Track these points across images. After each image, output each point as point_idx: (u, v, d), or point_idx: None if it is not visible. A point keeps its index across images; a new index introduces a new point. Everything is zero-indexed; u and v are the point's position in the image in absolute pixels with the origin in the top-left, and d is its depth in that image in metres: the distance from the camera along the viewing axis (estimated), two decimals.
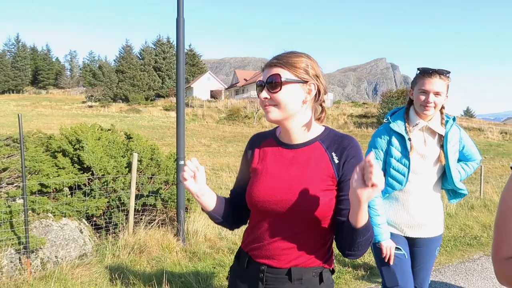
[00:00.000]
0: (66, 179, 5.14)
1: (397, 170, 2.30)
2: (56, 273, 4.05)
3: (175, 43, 5.93)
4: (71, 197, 5.27)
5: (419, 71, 2.30)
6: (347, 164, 1.34)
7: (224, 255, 4.99)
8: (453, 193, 2.52)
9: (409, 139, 2.28)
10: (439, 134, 2.34)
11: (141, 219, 5.66)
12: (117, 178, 5.65)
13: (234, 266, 1.56)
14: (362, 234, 1.23)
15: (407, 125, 2.32)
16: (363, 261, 4.98)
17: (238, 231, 5.49)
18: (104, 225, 5.46)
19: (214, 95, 67.97)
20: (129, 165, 5.70)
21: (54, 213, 4.84)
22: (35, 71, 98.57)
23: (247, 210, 1.51)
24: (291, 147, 1.42)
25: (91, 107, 54.68)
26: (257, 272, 1.41)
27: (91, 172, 5.49)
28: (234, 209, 1.53)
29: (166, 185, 6.27)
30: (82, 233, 4.92)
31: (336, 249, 1.40)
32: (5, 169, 5.02)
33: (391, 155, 2.31)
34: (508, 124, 58.88)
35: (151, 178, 6.17)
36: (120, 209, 5.54)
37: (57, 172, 5.21)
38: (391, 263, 2.33)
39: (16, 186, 4.91)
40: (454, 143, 2.36)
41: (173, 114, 42.81)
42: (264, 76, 1.38)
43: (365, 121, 46.63)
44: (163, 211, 6.08)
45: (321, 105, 1.44)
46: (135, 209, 5.53)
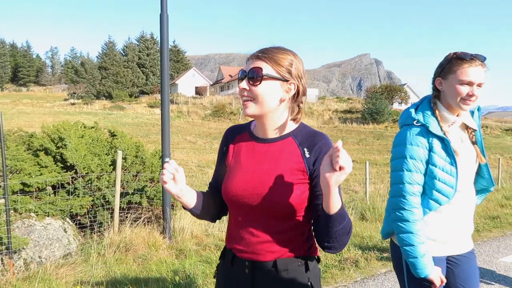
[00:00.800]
0: (49, 178, 5.05)
1: (443, 181, 1.86)
2: (40, 273, 3.99)
3: (159, 39, 5.88)
4: (54, 196, 5.19)
5: (456, 56, 1.86)
6: (320, 161, 1.35)
7: (211, 251, 4.99)
8: (481, 192, 2.21)
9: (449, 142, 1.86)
10: (469, 128, 1.98)
11: (127, 217, 5.60)
12: (101, 176, 5.58)
13: (220, 264, 1.57)
14: (337, 221, 1.24)
15: (441, 124, 1.89)
16: (349, 255, 5.04)
17: (224, 228, 5.49)
18: (88, 224, 5.39)
19: (199, 92, 67.61)
20: (114, 163, 5.64)
21: (37, 212, 4.76)
22: (15, 68, 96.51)
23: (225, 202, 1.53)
24: (264, 141, 1.44)
25: (73, 104, 53.79)
26: (243, 268, 1.43)
27: (74, 170, 5.41)
28: (213, 202, 1.53)
29: (151, 183, 6.22)
30: (66, 232, 4.85)
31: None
32: None
33: (434, 164, 1.86)
34: (488, 118, 60.13)
35: (136, 175, 6.11)
36: (105, 207, 5.48)
37: (40, 171, 5.12)
38: None
39: None
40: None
41: (158, 111, 42.45)
42: (247, 67, 1.38)
43: (350, 117, 47.05)
44: (148, 208, 6.04)
45: (298, 106, 1.45)
46: (120, 207, 5.48)
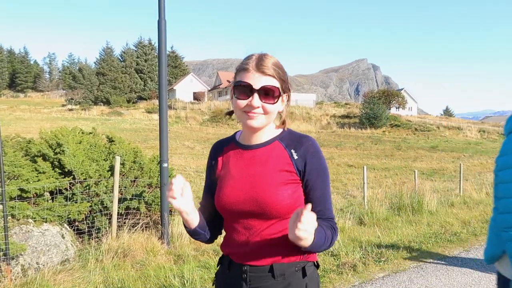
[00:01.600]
0: (46, 184, 5.05)
1: None
2: (37, 279, 3.97)
3: (157, 45, 5.90)
4: (52, 202, 5.18)
5: None
6: (309, 165, 1.39)
7: (209, 257, 4.98)
8: None
9: None
10: None
11: (125, 223, 5.60)
12: (99, 182, 5.58)
13: (218, 271, 1.57)
14: (312, 249, 1.30)
15: None
16: (347, 260, 5.04)
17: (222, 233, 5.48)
18: (86, 229, 5.38)
19: (197, 97, 67.63)
20: (112, 169, 5.64)
21: (34, 218, 4.75)
22: (12, 74, 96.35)
23: (220, 220, 1.54)
24: (251, 147, 1.45)
25: (71, 110, 53.73)
26: (240, 273, 1.43)
27: (72, 176, 5.41)
28: (210, 222, 1.53)
29: (149, 188, 6.22)
30: (64, 238, 4.84)
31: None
32: None
33: None
34: (486, 122, 60.38)
35: (134, 181, 6.11)
36: (103, 213, 5.47)
37: (37, 176, 5.11)
38: None
39: None
40: None
41: (156, 116, 42.43)
42: (251, 79, 1.34)
43: (347, 121, 47.12)
44: (147, 214, 6.03)
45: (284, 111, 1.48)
46: (118, 212, 5.47)
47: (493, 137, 41.37)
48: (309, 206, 1.15)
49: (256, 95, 1.34)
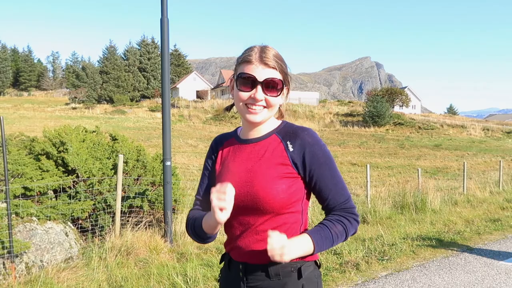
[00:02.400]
0: (50, 182, 5.07)
1: None
2: (41, 277, 3.99)
3: (159, 43, 5.90)
4: (56, 200, 5.20)
5: None
6: (308, 155, 1.36)
7: (212, 255, 4.99)
8: None
9: None
10: None
11: (128, 221, 5.61)
12: (102, 180, 5.60)
13: (222, 268, 1.57)
14: (318, 252, 1.34)
15: None
16: (349, 258, 5.04)
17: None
18: (90, 227, 5.40)
19: (200, 95, 67.70)
20: (115, 167, 5.65)
21: (38, 216, 4.77)
22: (16, 73, 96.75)
23: None
24: (249, 142, 1.44)
25: (74, 108, 53.93)
26: (238, 271, 1.43)
27: (76, 174, 5.43)
28: None
29: (152, 187, 6.23)
30: (67, 236, 4.86)
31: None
32: None
33: None
34: (490, 121, 60.08)
35: (138, 179, 6.13)
36: (106, 211, 5.49)
37: (41, 175, 5.14)
38: None
39: None
40: None
41: (159, 115, 42.50)
42: (255, 71, 1.33)
43: (351, 120, 47.06)
44: (150, 212, 6.04)
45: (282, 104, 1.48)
46: (121, 211, 5.49)
47: (497, 135, 41.19)
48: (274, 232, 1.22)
49: (259, 88, 1.33)
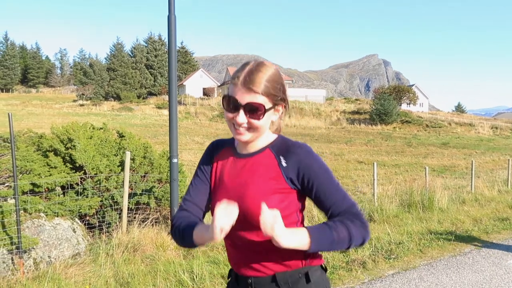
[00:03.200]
0: (58, 179, 5.10)
1: None
2: (49, 273, 4.03)
3: (166, 40, 5.91)
4: (64, 196, 5.24)
5: None
6: (303, 170, 1.35)
7: (218, 252, 5.00)
8: None
9: None
10: None
11: (135, 218, 5.64)
12: (110, 177, 5.62)
13: (229, 282, 1.58)
14: (319, 250, 1.31)
15: None
16: (356, 257, 5.02)
17: None
18: (97, 224, 5.43)
19: (206, 93, 67.73)
20: (122, 164, 5.68)
21: (46, 212, 4.81)
22: (24, 70, 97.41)
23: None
24: (244, 156, 1.44)
25: (82, 105, 54.21)
26: (246, 285, 1.43)
27: (83, 171, 5.46)
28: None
29: (159, 183, 6.25)
30: (75, 232, 4.90)
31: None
32: None
33: None
34: (498, 119, 59.52)
35: (144, 176, 6.15)
36: (113, 208, 5.52)
37: (49, 171, 5.17)
38: None
39: (7, 186, 4.87)
40: None
41: (166, 112, 42.61)
42: (238, 94, 1.32)
43: (357, 117, 46.83)
44: (156, 209, 6.07)
45: (280, 118, 1.45)
46: (128, 207, 5.51)
47: (506, 134, 40.77)
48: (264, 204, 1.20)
49: (241, 111, 1.33)
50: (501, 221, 7.37)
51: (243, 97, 1.32)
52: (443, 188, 9.59)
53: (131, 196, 5.69)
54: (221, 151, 1.51)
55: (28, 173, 5.02)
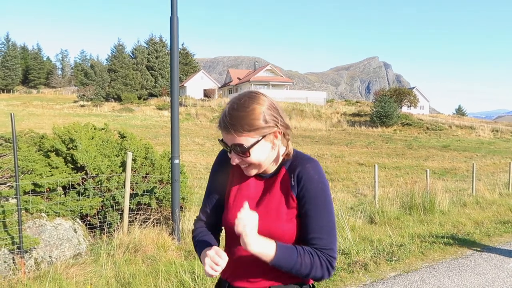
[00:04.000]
0: (59, 179, 5.10)
1: None
2: (50, 273, 4.02)
3: (168, 42, 5.92)
4: (65, 196, 5.23)
5: None
6: (303, 190, 1.36)
7: None
8: None
9: None
10: None
11: (136, 218, 5.63)
12: (111, 177, 5.62)
13: None
14: (278, 267, 1.31)
15: None
16: (358, 258, 5.01)
17: None
18: (98, 224, 5.43)
19: (207, 94, 67.72)
20: (123, 164, 5.67)
21: (47, 212, 4.80)
22: (25, 71, 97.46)
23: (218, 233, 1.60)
24: (262, 177, 1.46)
25: (83, 106, 54.22)
26: None
27: (85, 171, 5.45)
28: (216, 238, 1.59)
29: (160, 184, 6.25)
30: (76, 232, 4.89)
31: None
32: None
33: None
34: (499, 122, 59.48)
35: (146, 177, 6.15)
36: (114, 208, 5.51)
37: (51, 171, 5.17)
38: None
39: (9, 186, 4.87)
40: None
41: (166, 113, 42.62)
42: (224, 137, 1.37)
43: (358, 120, 46.81)
44: (157, 210, 6.06)
45: (287, 139, 1.43)
46: (129, 208, 5.51)
47: (506, 137, 40.73)
48: (246, 203, 1.26)
49: (232, 152, 1.36)
50: (502, 224, 7.35)
51: (227, 138, 1.36)
52: (444, 190, 9.58)
53: (132, 196, 5.68)
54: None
55: (29, 173, 5.02)
